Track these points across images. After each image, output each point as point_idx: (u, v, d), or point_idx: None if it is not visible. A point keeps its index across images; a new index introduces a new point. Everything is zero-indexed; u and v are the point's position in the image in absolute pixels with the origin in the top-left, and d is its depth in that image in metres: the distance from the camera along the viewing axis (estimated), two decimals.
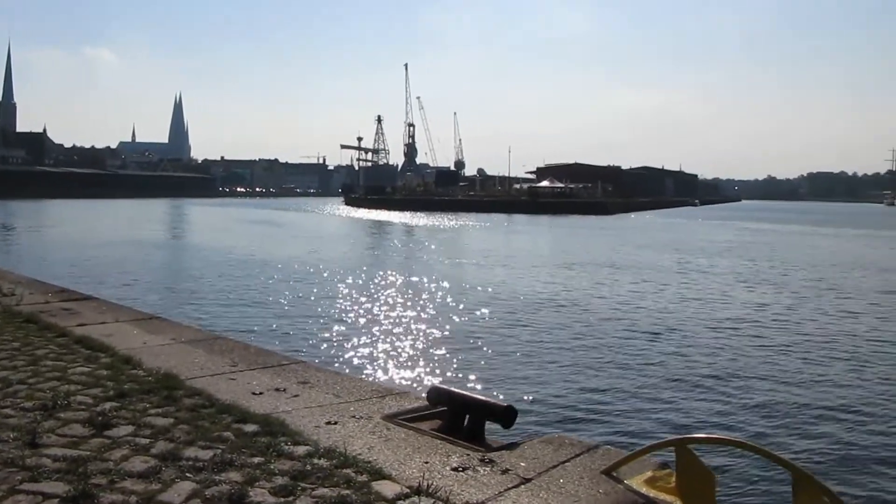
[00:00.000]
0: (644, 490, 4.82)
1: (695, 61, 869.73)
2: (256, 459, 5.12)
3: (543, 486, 4.87)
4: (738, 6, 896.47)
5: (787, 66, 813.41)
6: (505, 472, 5.10)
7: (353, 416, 6.25)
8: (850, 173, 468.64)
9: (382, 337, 19.84)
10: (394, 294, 28.13)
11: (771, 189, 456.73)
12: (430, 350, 18.34)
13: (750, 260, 47.55)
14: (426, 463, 5.21)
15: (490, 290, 29.75)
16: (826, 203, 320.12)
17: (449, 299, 26.88)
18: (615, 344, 19.63)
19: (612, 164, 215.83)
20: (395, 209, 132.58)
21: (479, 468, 5.15)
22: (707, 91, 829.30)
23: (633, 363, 17.37)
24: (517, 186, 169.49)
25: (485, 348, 18.71)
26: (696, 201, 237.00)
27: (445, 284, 30.91)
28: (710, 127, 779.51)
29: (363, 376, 12.75)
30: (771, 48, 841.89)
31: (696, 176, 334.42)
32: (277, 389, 7.00)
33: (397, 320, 22.43)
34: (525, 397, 13.96)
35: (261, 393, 6.85)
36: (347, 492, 4.62)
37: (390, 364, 16.76)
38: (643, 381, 15.63)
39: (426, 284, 30.98)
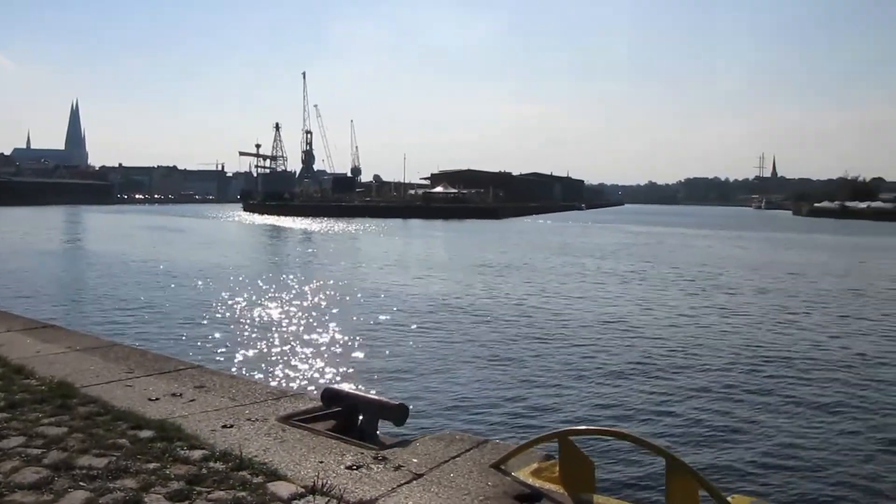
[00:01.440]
0: (530, 481, 4.92)
1: (582, 73, 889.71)
2: (152, 465, 5.01)
3: (435, 481, 4.92)
4: (624, 23, 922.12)
5: (667, 78, 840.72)
6: (397, 468, 5.13)
7: (249, 419, 6.18)
8: (722, 179, 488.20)
9: (279, 340, 19.59)
10: (291, 298, 27.78)
11: (652, 193, 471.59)
12: (326, 352, 18.22)
13: (632, 260, 49.00)
14: (321, 462, 5.20)
15: (385, 292, 29.73)
16: (701, 206, 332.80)
17: (345, 302, 26.76)
18: (504, 343, 19.93)
19: (503, 171, 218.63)
20: (293, 215, 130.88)
21: (372, 466, 5.17)
22: (593, 101, 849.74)
23: (521, 361, 17.66)
24: (412, 192, 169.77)
25: (378, 349, 18.71)
26: (583, 205, 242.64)
27: (342, 288, 30.76)
28: (596, 135, 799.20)
29: (259, 379, 12.60)
30: (653, 61, 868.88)
31: (582, 181, 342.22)
32: (174, 394, 6.86)
33: (294, 324, 22.17)
34: (418, 396, 14.05)
35: (157, 398, 6.70)
36: (243, 494, 4.57)
37: (286, 367, 16.57)
38: (530, 378, 15.93)
39: (323, 288, 30.70)
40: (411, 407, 6.43)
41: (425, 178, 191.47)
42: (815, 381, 16.23)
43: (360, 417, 6.03)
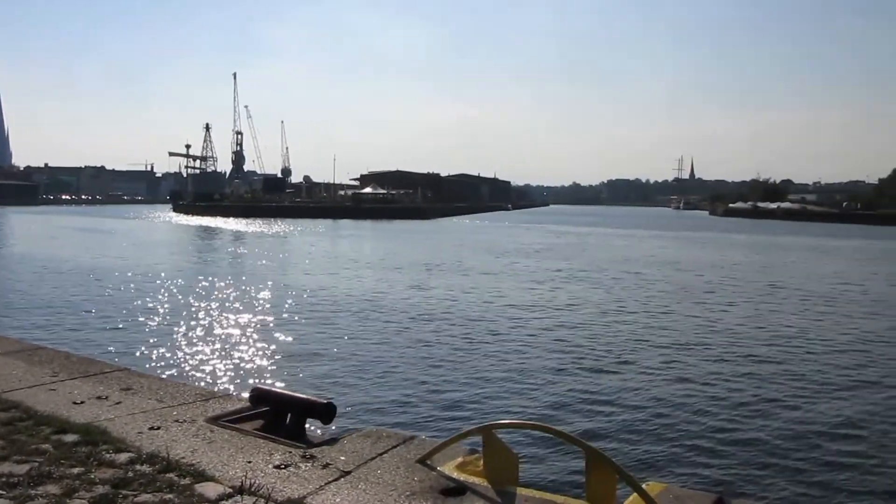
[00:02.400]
0: (455, 475, 4.96)
1: (509, 76, 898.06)
2: (76, 470, 4.87)
3: (362, 478, 4.92)
4: (551, 26, 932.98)
5: (592, 83, 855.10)
6: (325, 466, 5.11)
7: (177, 420, 6.07)
8: (643, 180, 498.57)
9: (208, 341, 19.24)
10: (220, 299, 27.31)
11: (576, 194, 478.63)
12: (255, 352, 17.97)
13: (557, 259, 49.66)
14: (249, 462, 5.14)
15: (313, 292, 29.50)
16: (623, 207, 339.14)
17: (273, 303, 26.44)
18: (431, 340, 20.00)
19: (431, 172, 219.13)
20: (223, 216, 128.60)
21: (300, 464, 5.14)
22: (520, 103, 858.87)
23: (447, 358, 17.76)
24: (342, 193, 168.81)
25: (307, 348, 18.58)
26: (510, 206, 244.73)
27: (271, 289, 30.38)
28: (523, 137, 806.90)
29: (187, 380, 12.38)
30: (579, 65, 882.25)
31: (509, 183, 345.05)
32: (100, 397, 6.68)
33: (223, 325, 21.78)
34: (345, 394, 14.02)
35: (82, 402, 6.52)
36: (170, 496, 4.49)
37: (215, 368, 16.29)
38: (456, 374, 16.05)
39: (252, 289, 30.27)
40: (339, 405, 6.39)
41: (355, 180, 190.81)
42: (729, 372, 16.74)
43: (289, 417, 5.98)
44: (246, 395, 6.73)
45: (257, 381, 14.55)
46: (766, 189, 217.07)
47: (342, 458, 5.28)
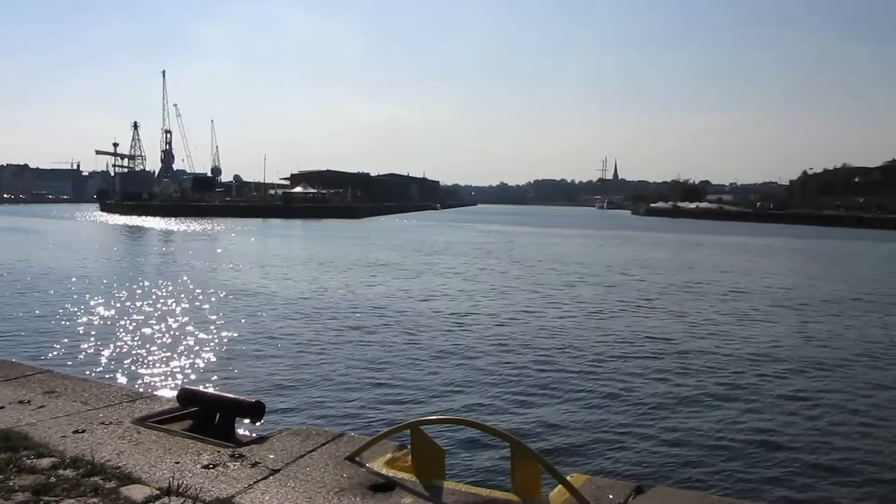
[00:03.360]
0: (384, 471, 4.96)
1: (439, 77, 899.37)
2: None
3: (291, 476, 4.88)
4: (481, 28, 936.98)
5: (521, 85, 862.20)
6: (254, 465, 5.05)
7: (103, 423, 5.91)
8: (569, 181, 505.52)
9: (135, 342, 18.78)
10: (148, 299, 26.65)
11: (503, 194, 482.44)
12: (183, 352, 17.63)
13: (484, 257, 50.02)
14: (177, 463, 5.05)
15: (243, 291, 29.09)
16: (549, 206, 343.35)
17: (202, 302, 25.97)
18: (360, 338, 19.95)
19: (361, 172, 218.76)
20: (152, 215, 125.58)
21: (229, 464, 5.07)
22: (449, 104, 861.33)
23: (376, 355, 17.74)
24: (272, 192, 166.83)
25: (236, 348, 18.32)
26: (438, 205, 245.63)
27: (200, 288, 29.80)
28: (452, 137, 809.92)
29: (114, 382, 12.04)
30: (509, 67, 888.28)
31: (438, 182, 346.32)
32: (21, 402, 6.44)
33: (151, 325, 21.26)
34: (275, 393, 13.89)
35: (2, 407, 6.27)
36: (95, 500, 4.37)
37: (142, 369, 15.93)
38: (385, 372, 16.05)
39: (181, 289, 29.66)
40: (268, 404, 6.32)
41: (285, 179, 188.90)
42: (649, 366, 17.13)
43: (217, 416, 5.89)
44: (174, 395, 6.59)
45: (186, 381, 14.32)
46: (686, 189, 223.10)
47: (271, 456, 5.23)
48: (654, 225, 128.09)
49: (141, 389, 9.44)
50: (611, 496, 4.51)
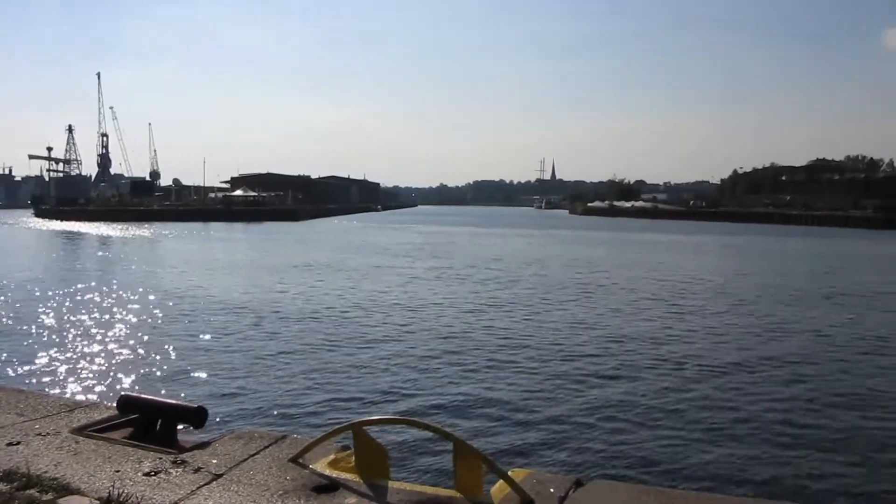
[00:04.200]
0: (328, 472, 4.94)
1: (378, 79, 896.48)
2: None
3: (234, 480, 4.83)
4: (419, 29, 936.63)
5: (460, 87, 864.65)
6: (197, 470, 4.98)
7: (39, 434, 5.74)
8: (507, 181, 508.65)
9: (73, 349, 18.31)
10: (86, 305, 25.98)
11: (443, 195, 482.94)
12: (123, 359, 17.27)
13: (425, 257, 50.05)
14: (117, 472, 4.94)
15: (184, 296, 28.59)
16: (489, 207, 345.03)
17: (142, 308, 25.43)
18: (302, 340, 19.84)
19: (302, 174, 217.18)
20: (89, 220, 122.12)
21: (171, 470, 4.98)
22: (389, 106, 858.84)
23: (318, 357, 17.67)
24: (213, 195, 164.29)
25: (178, 353, 18.02)
26: (379, 207, 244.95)
27: (140, 294, 29.18)
28: (392, 139, 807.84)
29: (51, 392, 11.74)
30: (449, 70, 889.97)
31: (378, 184, 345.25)
32: None
33: (89, 332, 20.75)
34: (217, 397, 13.73)
35: None
36: None
37: (81, 377, 15.53)
38: (328, 373, 15.99)
39: (120, 295, 28.99)
40: (211, 409, 6.23)
41: (225, 182, 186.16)
42: (588, 362, 17.39)
43: (159, 423, 5.78)
44: (114, 403, 6.44)
45: (126, 388, 14.01)
46: (622, 189, 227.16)
47: (214, 461, 5.15)
48: (592, 224, 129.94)
49: (80, 398, 9.22)
50: (551, 490, 4.57)
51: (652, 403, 13.87)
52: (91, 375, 15.71)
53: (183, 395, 13.06)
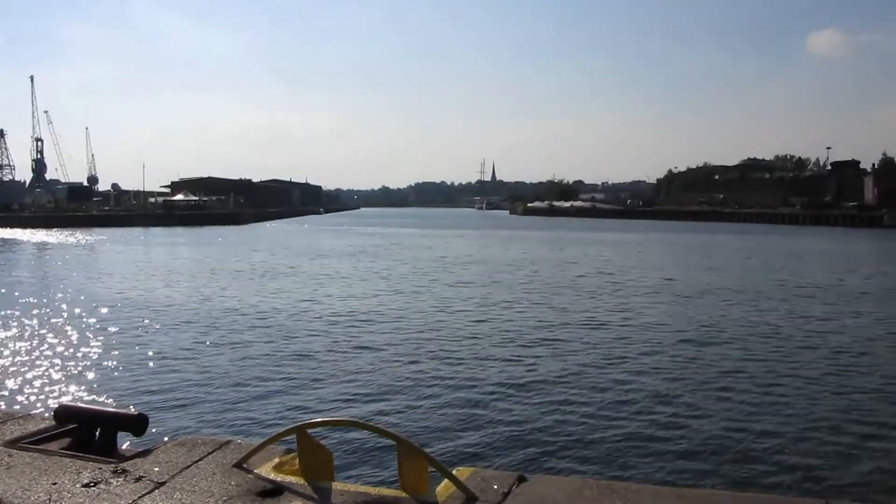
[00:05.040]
0: (272, 476, 4.88)
1: (318, 81, 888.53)
2: None
3: (177, 487, 4.73)
4: (358, 32, 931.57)
5: (399, 88, 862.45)
6: (138, 479, 4.86)
7: None
8: (448, 183, 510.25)
9: (7, 360, 17.68)
10: (21, 314, 25.13)
11: (386, 197, 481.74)
12: (60, 368, 16.76)
13: (366, 259, 49.94)
14: (54, 484, 4.79)
15: (124, 302, 27.96)
16: (430, 209, 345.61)
17: (81, 315, 24.71)
18: (244, 344, 19.63)
19: (244, 178, 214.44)
20: (23, 227, 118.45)
21: (111, 480, 4.85)
22: (330, 109, 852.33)
23: (262, 361, 17.48)
24: (153, 200, 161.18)
25: (117, 360, 17.57)
26: (321, 210, 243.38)
27: (78, 301, 28.41)
28: (334, 142, 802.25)
29: None
30: (389, 72, 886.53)
31: (320, 187, 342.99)
32: None
33: (25, 341, 20.08)
34: (159, 404, 13.44)
35: None
36: None
37: (14, 388, 15.00)
38: (271, 377, 15.83)
39: (57, 302, 28.19)
40: (152, 416, 6.10)
41: (166, 187, 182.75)
42: (529, 360, 17.55)
43: (98, 432, 5.63)
44: (51, 414, 6.26)
45: (64, 398, 13.64)
46: (561, 189, 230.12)
47: (156, 469, 5.04)
48: (532, 224, 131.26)
49: (12, 409, 8.92)
50: (495, 486, 4.59)
51: (592, 399, 14.07)
52: (27, 386, 15.20)
53: (123, 402, 12.76)
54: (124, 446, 5.77)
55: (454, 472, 4.65)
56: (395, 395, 14.41)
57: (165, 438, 6.41)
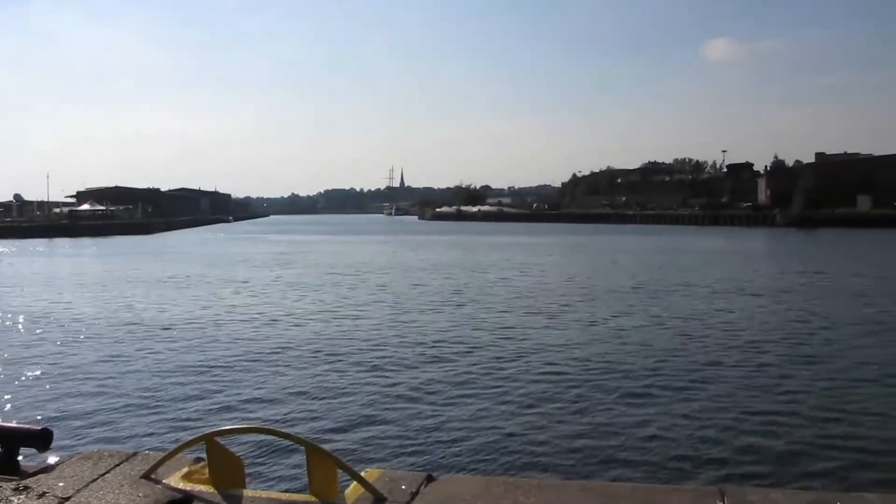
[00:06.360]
0: (181, 485, 4.84)
1: (228, 89, 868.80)
2: None
3: (83, 502, 4.64)
4: (269, 44, 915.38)
5: (307, 94, 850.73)
6: (41, 495, 4.74)
7: None
8: (357, 189, 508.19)
9: None
10: None
11: (295, 205, 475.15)
12: None
13: (275, 267, 49.25)
14: None
15: (24, 316, 26.73)
16: (340, 215, 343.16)
17: None
18: (150, 355, 19.07)
19: (151, 187, 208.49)
20: None
21: (13, 498, 4.72)
22: (237, 117, 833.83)
23: (169, 370, 17.09)
24: (58, 210, 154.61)
25: (18, 375, 16.85)
26: (231, 218, 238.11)
27: None
28: (242, 150, 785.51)
29: None
30: (294, 79, 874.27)
31: (229, 195, 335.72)
32: None
33: None
34: (63, 418, 12.95)
35: None
36: None
37: None
38: (179, 386, 15.50)
39: None
40: (57, 430, 5.94)
41: (71, 196, 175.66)
42: (437, 362, 17.72)
43: None
44: None
45: None
46: (468, 194, 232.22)
47: (60, 484, 4.92)
48: (440, 228, 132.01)
49: None
50: (403, 487, 4.68)
51: (500, 398, 14.30)
52: None
53: (26, 417, 12.27)
54: (27, 462, 5.61)
55: (363, 473, 4.72)
56: (306, 399, 14.31)
57: (70, 453, 6.22)
